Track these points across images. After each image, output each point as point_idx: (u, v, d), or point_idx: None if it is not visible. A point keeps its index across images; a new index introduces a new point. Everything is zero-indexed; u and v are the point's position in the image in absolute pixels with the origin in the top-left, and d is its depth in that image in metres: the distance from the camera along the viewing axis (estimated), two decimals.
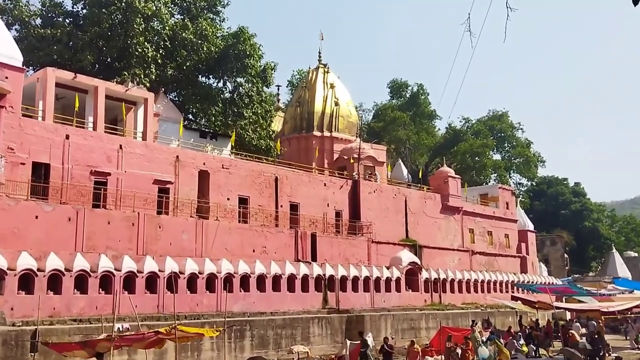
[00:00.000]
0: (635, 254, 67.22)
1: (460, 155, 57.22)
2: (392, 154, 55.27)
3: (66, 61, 31.68)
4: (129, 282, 21.43)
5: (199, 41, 35.40)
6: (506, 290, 39.01)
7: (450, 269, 36.77)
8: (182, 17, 36.96)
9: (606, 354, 21.04)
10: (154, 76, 32.93)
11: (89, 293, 20.33)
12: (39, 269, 19.38)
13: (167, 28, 34.53)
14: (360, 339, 18.85)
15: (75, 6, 34.97)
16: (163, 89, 35.16)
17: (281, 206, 30.88)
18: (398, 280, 31.70)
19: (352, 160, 37.56)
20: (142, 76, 31.88)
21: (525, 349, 23.69)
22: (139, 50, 32.24)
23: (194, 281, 23.29)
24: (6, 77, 21.51)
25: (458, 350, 19.31)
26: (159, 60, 33.58)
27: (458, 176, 43.23)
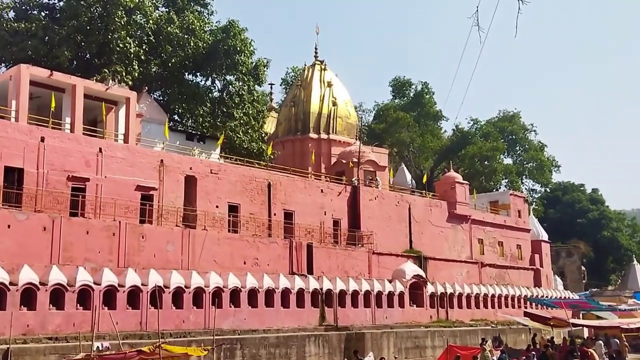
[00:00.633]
0: None
1: (469, 159, 57.38)
2: (395, 158, 55.39)
3: (41, 57, 31.72)
4: (110, 297, 21.40)
5: (186, 36, 35.50)
6: (518, 306, 39.05)
7: (457, 283, 36.81)
8: (167, 10, 37.07)
9: None
10: (136, 74, 32.98)
11: (66, 309, 20.31)
12: (11, 283, 19.36)
13: (151, 22, 34.63)
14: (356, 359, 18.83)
15: None
16: (146, 88, 35.21)
17: (274, 214, 30.90)
18: (401, 294, 31.72)
19: (352, 165, 37.66)
20: (124, 74, 31.93)
21: None
22: (121, 45, 32.31)
23: (179, 296, 23.27)
24: None
25: None
26: (142, 57, 33.65)
27: (466, 182, 43.35)
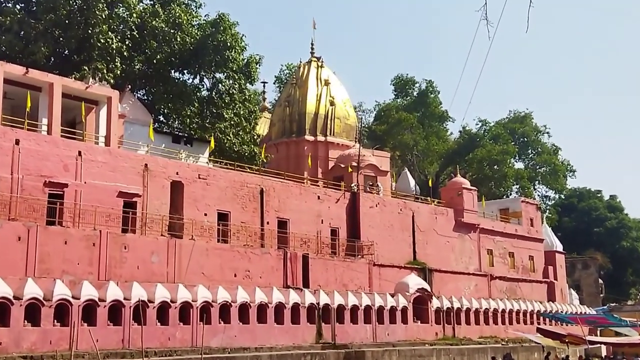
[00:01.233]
0: None
1: (477, 163, 57.51)
2: (397, 162, 55.46)
3: (16, 53, 31.76)
4: (89, 313, 21.37)
5: (172, 30, 35.59)
6: (531, 322, 39.10)
7: (465, 297, 36.86)
8: (152, 3, 37.16)
9: None
10: (119, 71, 33.04)
11: (42, 325, 20.28)
12: None
13: (135, 15, 34.71)
14: None
15: None
16: (129, 86, 35.27)
17: (267, 223, 30.93)
18: (404, 309, 31.76)
19: (351, 169, 37.73)
20: (105, 71, 31.98)
21: None
22: (102, 41, 32.37)
23: (165, 311, 23.27)
24: None
25: None
26: (125, 53, 33.71)
27: (474, 188, 43.43)
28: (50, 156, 24.35)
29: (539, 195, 65.09)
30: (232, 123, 37.20)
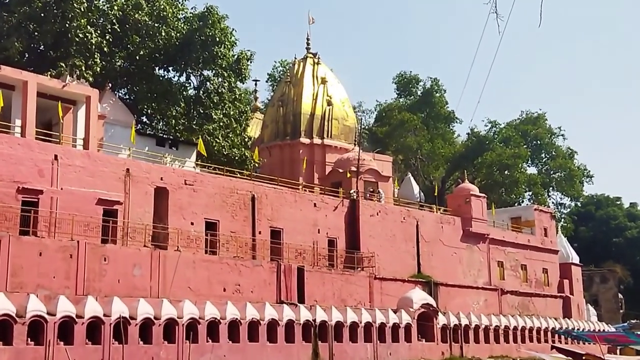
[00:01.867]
0: None
1: (486, 168, 57.63)
2: (400, 167, 55.57)
3: None
4: (66, 330, 21.33)
5: (156, 24, 35.66)
6: (545, 340, 39.16)
7: (474, 313, 36.90)
8: None
9: None
10: (98, 68, 33.08)
11: (14, 344, 20.22)
12: None
13: (116, 8, 34.78)
14: None
15: None
16: (110, 85, 35.31)
17: (259, 233, 30.96)
18: (408, 327, 31.78)
19: (350, 175, 37.82)
20: (84, 68, 32.01)
21: None
22: (80, 35, 32.40)
23: (148, 328, 23.24)
24: None
25: None
26: (105, 49, 33.75)
27: (483, 195, 43.55)
28: (24, 160, 24.36)
29: (553, 203, 65.25)
30: (221, 124, 37.22)
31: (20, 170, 24.17)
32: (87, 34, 32.58)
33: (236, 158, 37.29)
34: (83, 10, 32.58)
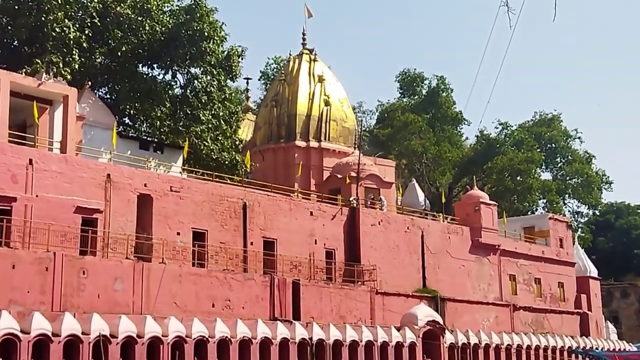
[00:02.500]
0: None
1: (497, 173, 57.76)
2: (404, 172, 55.68)
3: None
4: (41, 349, 21.27)
5: (139, 18, 35.69)
6: (561, 359, 39.14)
7: (484, 331, 36.94)
8: None
9: None
10: (77, 65, 33.09)
11: None
12: None
13: (96, 0, 34.85)
14: None
15: None
16: (90, 83, 35.31)
17: (251, 244, 30.96)
18: (412, 346, 31.80)
19: (349, 181, 37.85)
20: (62, 65, 32.00)
21: None
22: (57, 29, 32.42)
23: (130, 347, 23.21)
24: None
25: None
26: (85, 44, 33.77)
27: (493, 202, 43.65)
28: None
29: (569, 211, 65.38)
30: (210, 126, 37.23)
31: None
32: (65, 28, 32.59)
33: (226, 163, 37.30)
34: (60, 2, 32.60)
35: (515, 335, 38.49)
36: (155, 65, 38.08)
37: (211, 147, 36.86)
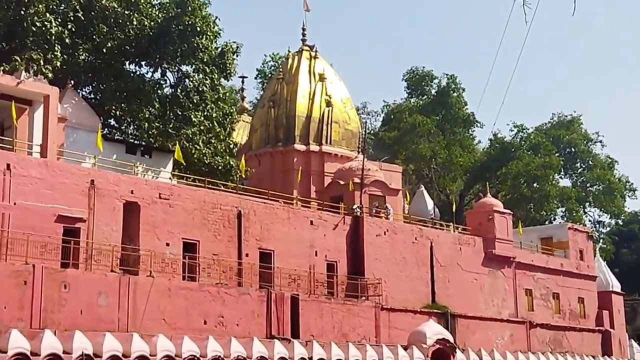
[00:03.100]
0: None
1: (512, 179, 57.76)
2: (411, 178, 55.68)
3: None
4: None
5: (126, 12, 35.74)
6: None
7: (497, 350, 36.85)
8: None
9: None
10: (59, 63, 33.09)
11: None
12: None
13: None
14: None
15: None
16: (72, 82, 35.34)
17: (247, 255, 30.93)
18: None
19: (352, 187, 37.83)
20: (42, 62, 32.04)
21: None
22: (38, 24, 32.44)
23: None
24: None
25: None
26: (67, 40, 33.79)
27: (508, 211, 43.60)
28: None
29: (590, 221, 65.45)
30: (202, 128, 37.27)
31: None
32: (46, 23, 32.60)
33: (219, 168, 37.30)
34: None
35: (532, 354, 38.41)
36: (143, 63, 38.09)
37: (203, 151, 36.87)
